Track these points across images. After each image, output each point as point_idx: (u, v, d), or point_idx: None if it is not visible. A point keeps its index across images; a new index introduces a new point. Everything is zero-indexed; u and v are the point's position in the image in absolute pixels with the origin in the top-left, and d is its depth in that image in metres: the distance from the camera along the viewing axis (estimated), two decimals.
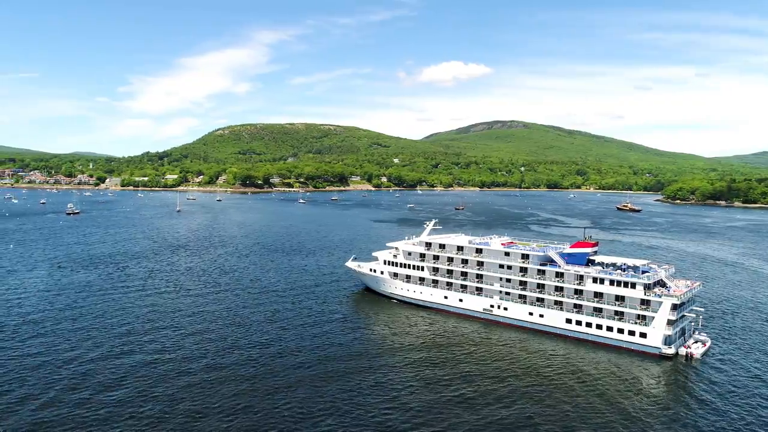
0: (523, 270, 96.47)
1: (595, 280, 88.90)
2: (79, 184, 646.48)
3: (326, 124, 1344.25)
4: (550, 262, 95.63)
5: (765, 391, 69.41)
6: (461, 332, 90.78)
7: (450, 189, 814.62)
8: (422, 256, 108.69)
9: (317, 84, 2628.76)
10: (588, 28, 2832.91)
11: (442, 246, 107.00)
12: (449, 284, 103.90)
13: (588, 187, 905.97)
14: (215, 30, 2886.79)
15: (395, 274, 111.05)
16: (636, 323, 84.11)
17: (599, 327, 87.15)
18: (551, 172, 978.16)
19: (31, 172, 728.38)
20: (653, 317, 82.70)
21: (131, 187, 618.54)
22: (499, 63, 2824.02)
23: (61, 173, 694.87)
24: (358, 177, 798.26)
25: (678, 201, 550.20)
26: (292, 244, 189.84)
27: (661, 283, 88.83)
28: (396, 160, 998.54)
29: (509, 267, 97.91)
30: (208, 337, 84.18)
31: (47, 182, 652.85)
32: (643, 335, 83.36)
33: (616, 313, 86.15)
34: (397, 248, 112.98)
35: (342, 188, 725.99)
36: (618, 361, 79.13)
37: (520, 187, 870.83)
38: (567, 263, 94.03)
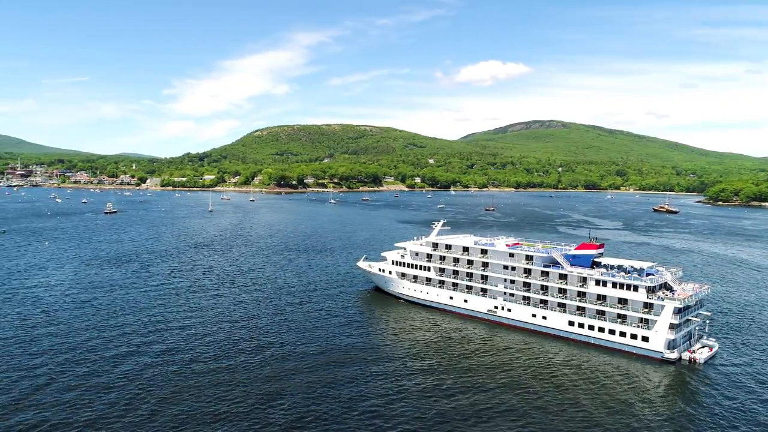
0: (527, 271, 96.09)
1: (597, 282, 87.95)
2: (121, 184, 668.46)
3: (362, 125, 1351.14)
4: (554, 263, 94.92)
5: None
6: (464, 334, 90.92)
7: (485, 190, 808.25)
8: (429, 256, 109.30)
9: (354, 85, 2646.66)
10: (632, 25, 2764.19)
11: (448, 247, 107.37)
12: (455, 285, 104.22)
13: (627, 188, 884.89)
14: (256, 33, 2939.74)
15: (403, 274, 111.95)
16: (638, 327, 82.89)
17: (601, 330, 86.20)
18: (589, 172, 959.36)
19: (78, 173, 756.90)
20: (655, 321, 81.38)
21: (170, 188, 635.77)
22: (538, 62, 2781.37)
23: (104, 174, 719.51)
24: (392, 177, 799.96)
25: (720, 202, 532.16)
26: (314, 244, 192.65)
27: (666, 286, 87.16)
28: (431, 161, 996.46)
29: (513, 268, 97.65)
30: (213, 336, 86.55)
31: (91, 182, 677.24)
32: (645, 339, 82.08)
33: (619, 316, 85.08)
34: (405, 248, 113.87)
35: (375, 189, 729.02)
36: (619, 365, 78.02)
37: (556, 188, 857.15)
38: (571, 265, 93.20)
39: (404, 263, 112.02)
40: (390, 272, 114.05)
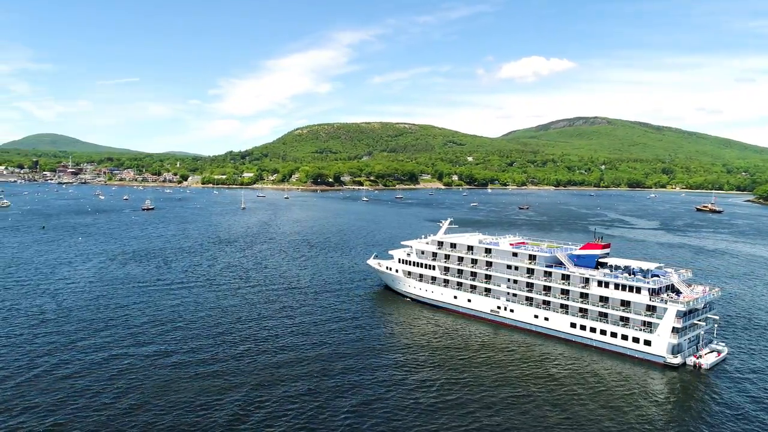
0: (530, 271, 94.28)
1: (600, 283, 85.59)
2: (163, 181, 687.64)
3: (401, 123, 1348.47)
4: (558, 264, 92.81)
5: None
6: (466, 334, 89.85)
7: (523, 188, 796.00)
8: (434, 255, 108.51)
9: (395, 83, 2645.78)
10: (684, 18, 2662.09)
11: (453, 245, 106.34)
12: (459, 284, 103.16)
13: (673, 187, 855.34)
14: (298, 32, 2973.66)
15: (409, 273, 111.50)
16: (641, 330, 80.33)
17: (603, 333, 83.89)
18: (633, 170, 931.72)
19: (125, 171, 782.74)
20: (658, 324, 78.67)
21: (210, 185, 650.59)
22: (584, 57, 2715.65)
23: (148, 171, 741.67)
24: (429, 175, 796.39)
25: None
26: (336, 241, 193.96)
27: (671, 288, 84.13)
28: (470, 159, 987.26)
29: (516, 268, 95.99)
30: (212, 333, 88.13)
31: (135, 180, 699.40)
32: (647, 343, 79.50)
33: (622, 318, 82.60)
34: (411, 247, 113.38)
35: (411, 186, 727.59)
36: (619, 369, 75.77)
37: (598, 186, 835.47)
38: (576, 265, 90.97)
39: (410, 262, 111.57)
40: (397, 270, 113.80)
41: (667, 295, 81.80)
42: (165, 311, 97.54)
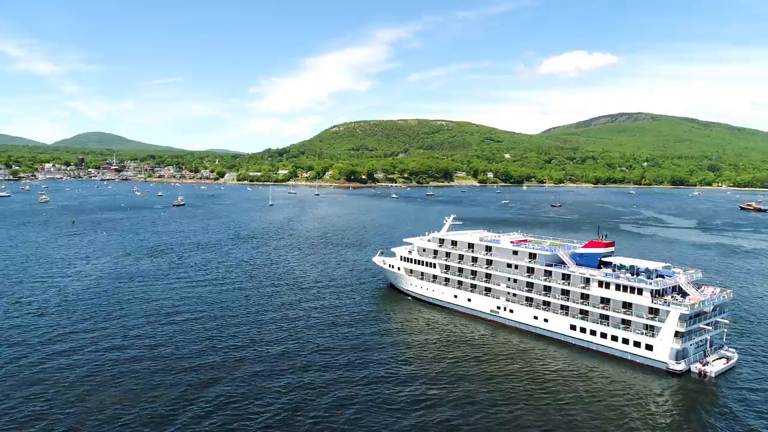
0: (530, 270, 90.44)
1: (600, 284, 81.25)
2: (200, 178, 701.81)
3: (438, 120, 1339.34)
4: (560, 262, 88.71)
5: None
6: (464, 335, 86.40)
7: (561, 185, 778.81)
8: (435, 252, 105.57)
9: (434, 80, 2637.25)
10: (741, 8, 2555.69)
11: (454, 243, 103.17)
12: (459, 283, 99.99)
13: (720, 184, 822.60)
14: (338, 30, 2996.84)
15: (411, 271, 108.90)
16: (642, 334, 75.82)
17: (603, 336, 79.65)
18: (677, 167, 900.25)
19: (165, 168, 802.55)
20: (660, 328, 74.07)
21: (246, 182, 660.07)
22: (629, 51, 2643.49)
23: (186, 169, 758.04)
24: (463, 173, 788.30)
25: None
26: (354, 237, 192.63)
27: (677, 290, 79.21)
28: (507, 156, 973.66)
29: (516, 267, 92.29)
30: (203, 330, 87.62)
31: (174, 177, 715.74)
32: (649, 347, 75.03)
33: (623, 321, 78.19)
34: (413, 244, 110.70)
35: (446, 184, 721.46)
36: (617, 375, 71.49)
37: (639, 184, 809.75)
38: (577, 264, 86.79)
39: (412, 259, 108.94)
40: (399, 268, 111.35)
41: (672, 297, 77.07)
42: (163, 308, 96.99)
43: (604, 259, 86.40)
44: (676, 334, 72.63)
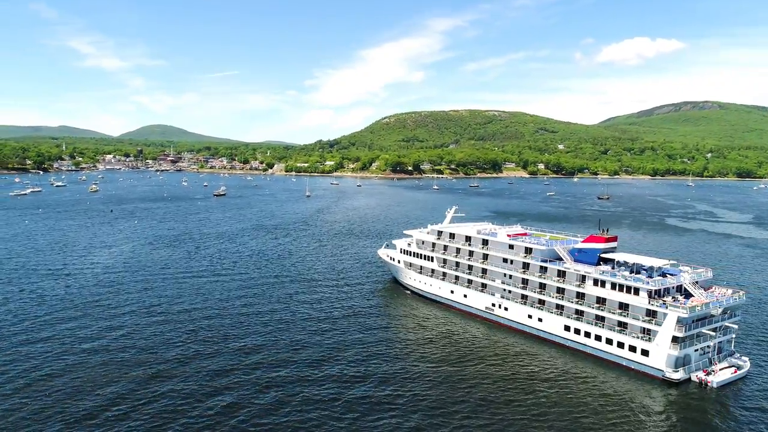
0: (526, 266, 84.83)
1: (596, 282, 75.05)
2: (250, 169, 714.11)
3: (491, 110, 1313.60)
4: (557, 258, 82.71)
5: None
6: (455, 334, 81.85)
7: (616, 177, 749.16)
8: (433, 245, 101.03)
9: (490, 69, 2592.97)
10: None
11: (452, 236, 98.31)
12: (456, 278, 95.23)
13: None
14: (393, 20, 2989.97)
15: (410, 264, 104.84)
16: (639, 337, 69.48)
17: (598, 338, 73.61)
18: (744, 158, 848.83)
19: (218, 159, 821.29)
20: (657, 332, 67.59)
21: (293, 173, 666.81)
22: (695, 36, 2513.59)
23: (237, 160, 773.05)
24: (513, 164, 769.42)
25: None
26: (378, 229, 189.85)
27: (680, 290, 72.16)
28: (560, 146, 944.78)
29: (512, 262, 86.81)
30: (190, 324, 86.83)
31: (224, 168, 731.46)
32: (645, 353, 68.65)
33: (620, 323, 71.91)
34: (411, 236, 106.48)
35: (493, 175, 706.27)
36: (610, 383, 65.72)
37: (701, 176, 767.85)
38: (576, 260, 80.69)
39: (410, 252, 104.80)
40: (399, 261, 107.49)
41: (672, 298, 70.18)
42: (163, 297, 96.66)
43: (604, 256, 79.83)
44: (674, 339, 66.04)
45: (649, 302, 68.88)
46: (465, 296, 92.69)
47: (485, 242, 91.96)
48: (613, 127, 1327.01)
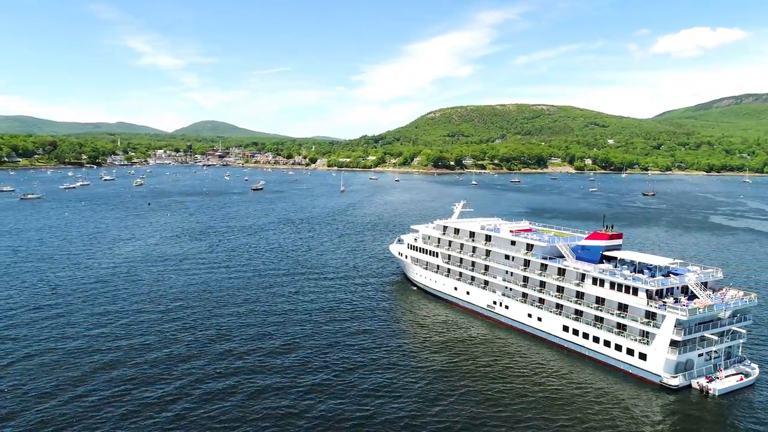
0: (527, 263, 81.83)
1: (595, 281, 71.56)
2: (293, 164, 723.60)
3: (539, 105, 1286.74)
4: (559, 255, 79.40)
5: None
6: (454, 333, 79.51)
7: (668, 173, 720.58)
8: (438, 241, 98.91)
9: (540, 63, 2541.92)
10: None
11: (456, 231, 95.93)
12: (460, 274, 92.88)
13: None
14: (439, 14, 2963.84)
15: (416, 260, 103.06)
16: (637, 340, 65.86)
17: (596, 340, 70.25)
18: None
19: (264, 154, 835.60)
20: (655, 335, 63.88)
21: (335, 168, 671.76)
22: (760, 24, 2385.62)
23: (281, 155, 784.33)
24: (559, 159, 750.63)
25: None
26: (404, 224, 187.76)
27: (684, 291, 67.93)
28: (610, 141, 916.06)
29: (513, 258, 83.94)
30: (191, 318, 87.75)
31: (268, 163, 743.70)
32: (642, 357, 65.02)
33: (619, 324, 68.37)
34: (418, 231, 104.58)
35: (538, 170, 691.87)
36: (605, 387, 62.35)
37: (761, 172, 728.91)
38: (578, 258, 77.31)
39: (417, 248, 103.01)
40: (406, 257, 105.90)
41: (674, 299, 66.11)
42: (172, 291, 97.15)
43: (607, 253, 76.10)
44: (673, 343, 62.18)
45: (648, 303, 65.11)
46: (468, 293, 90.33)
47: (488, 238, 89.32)
48: (668, 122, 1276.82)
